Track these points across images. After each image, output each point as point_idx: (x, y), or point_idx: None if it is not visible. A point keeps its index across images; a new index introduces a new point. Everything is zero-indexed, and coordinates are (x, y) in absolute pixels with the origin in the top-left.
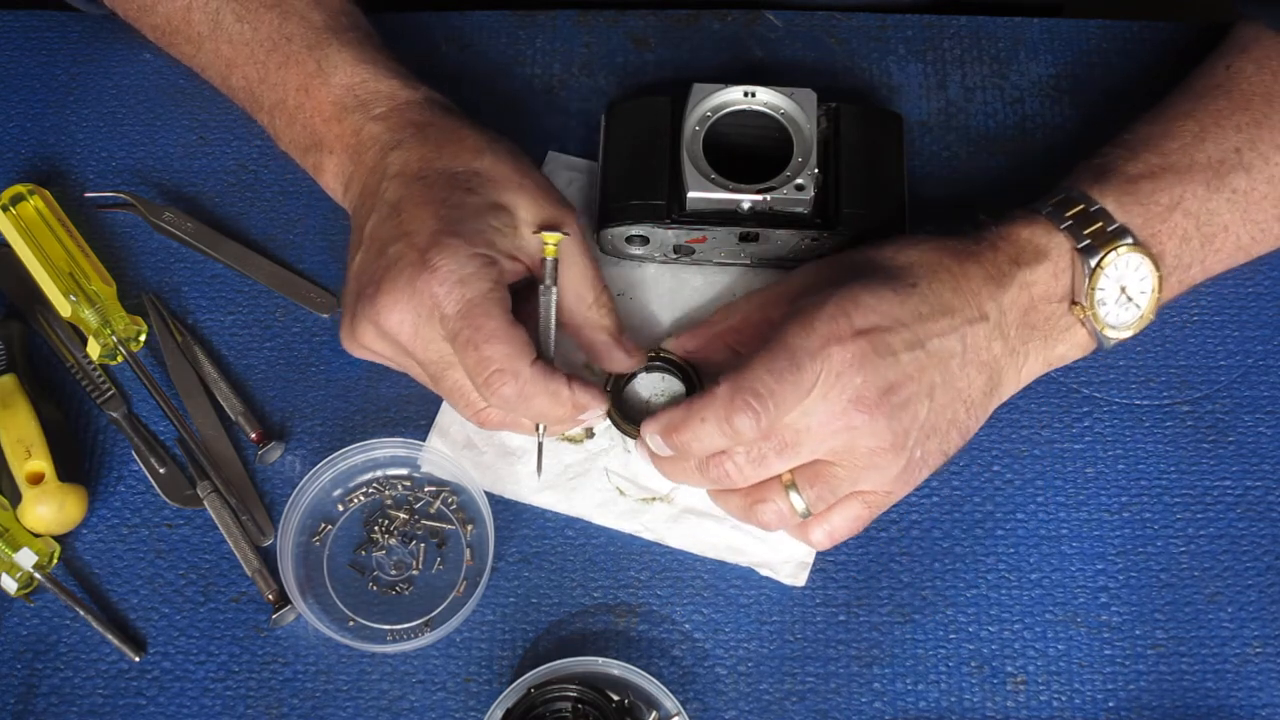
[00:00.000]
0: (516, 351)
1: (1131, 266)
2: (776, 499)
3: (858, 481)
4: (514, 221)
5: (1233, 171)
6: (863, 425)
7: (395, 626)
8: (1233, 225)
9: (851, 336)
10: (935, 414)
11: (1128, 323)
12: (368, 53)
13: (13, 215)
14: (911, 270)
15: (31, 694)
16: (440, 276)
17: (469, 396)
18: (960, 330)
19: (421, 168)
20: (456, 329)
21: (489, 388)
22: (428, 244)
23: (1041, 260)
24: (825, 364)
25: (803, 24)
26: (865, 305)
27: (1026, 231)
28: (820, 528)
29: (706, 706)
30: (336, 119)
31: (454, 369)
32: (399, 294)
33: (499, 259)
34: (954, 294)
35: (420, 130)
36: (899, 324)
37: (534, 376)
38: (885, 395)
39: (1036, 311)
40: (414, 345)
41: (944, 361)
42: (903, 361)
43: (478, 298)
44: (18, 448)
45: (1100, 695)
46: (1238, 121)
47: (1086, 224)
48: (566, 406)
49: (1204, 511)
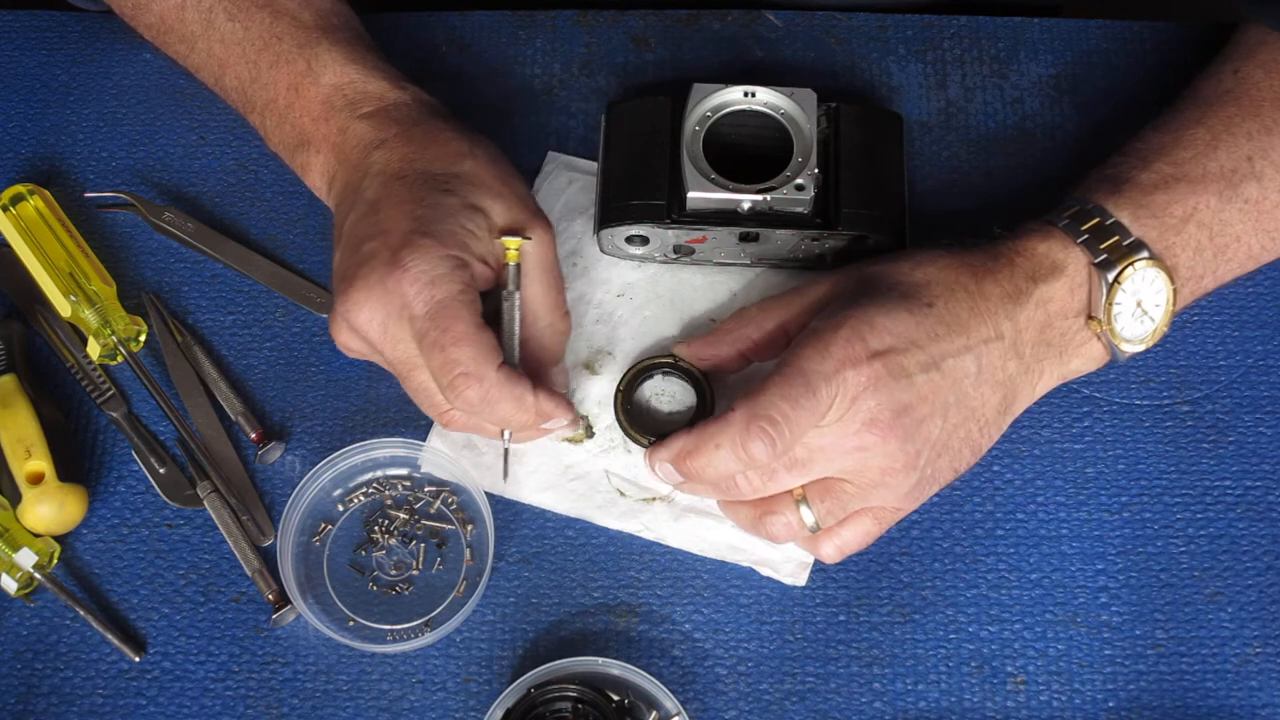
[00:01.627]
0: (482, 355)
1: (1148, 280)
2: (786, 512)
3: (868, 498)
4: (489, 225)
5: (1245, 181)
6: (875, 447)
7: (395, 626)
8: (1245, 235)
9: (867, 359)
10: (948, 433)
11: (1143, 336)
12: (358, 53)
13: (13, 215)
14: (928, 288)
15: (31, 694)
16: (411, 276)
17: (434, 398)
18: (976, 350)
19: (402, 167)
20: (424, 329)
21: (453, 390)
22: (400, 243)
23: (1058, 275)
24: (840, 388)
25: (803, 24)
26: (880, 327)
27: (1043, 245)
28: (830, 542)
29: (706, 706)
30: (324, 118)
31: (420, 370)
32: (370, 291)
33: (471, 262)
34: (970, 314)
35: (405, 131)
36: (914, 345)
37: (499, 381)
38: (899, 417)
39: (1052, 328)
40: (383, 343)
41: (958, 381)
42: (917, 383)
43: (447, 299)
44: (18, 448)
45: (1100, 695)
46: (1249, 129)
47: (1103, 238)
48: (530, 413)
49: (1204, 511)
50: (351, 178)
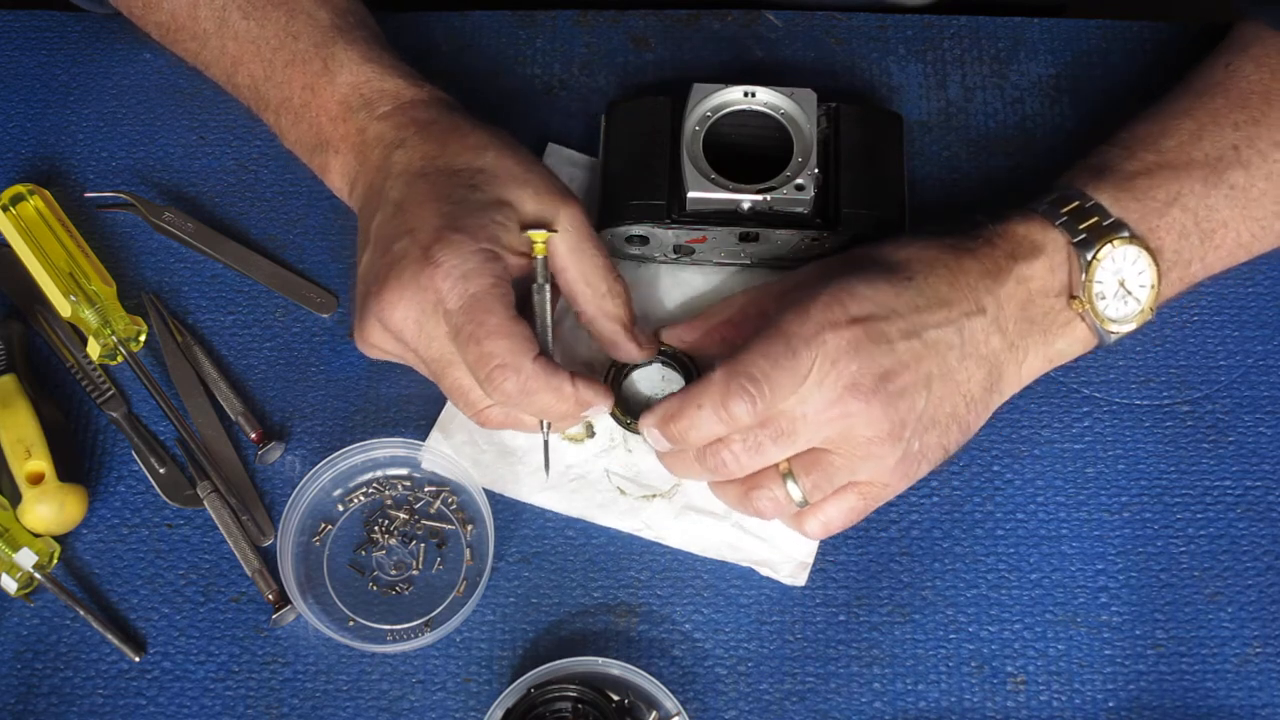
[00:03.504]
0: (519, 347)
1: (1129, 259)
2: (773, 487)
3: (855, 471)
4: (517, 217)
5: (1230, 168)
6: (859, 412)
7: (395, 626)
8: (1232, 221)
9: (847, 324)
10: (933, 406)
11: (1127, 316)
12: (374, 51)
13: (13, 215)
14: (908, 264)
15: (31, 694)
16: (444, 271)
17: (470, 395)
18: (958, 323)
19: (425, 165)
20: (459, 324)
21: (491, 383)
22: (431, 240)
23: (1037, 255)
24: (820, 350)
25: (803, 24)
26: (861, 295)
27: (1022, 228)
28: (815, 518)
29: (706, 706)
30: (342, 118)
31: (456, 367)
32: (403, 289)
33: (503, 254)
34: (950, 288)
35: (424, 129)
36: (894, 313)
37: (536, 372)
38: (881, 382)
39: (1034, 306)
40: (418, 342)
41: (941, 354)
42: (898, 350)
43: (480, 293)
44: (18, 448)
45: (1100, 695)
46: (1235, 119)
47: (1082, 219)
48: (570, 402)
49: (1204, 511)
50: (374, 179)
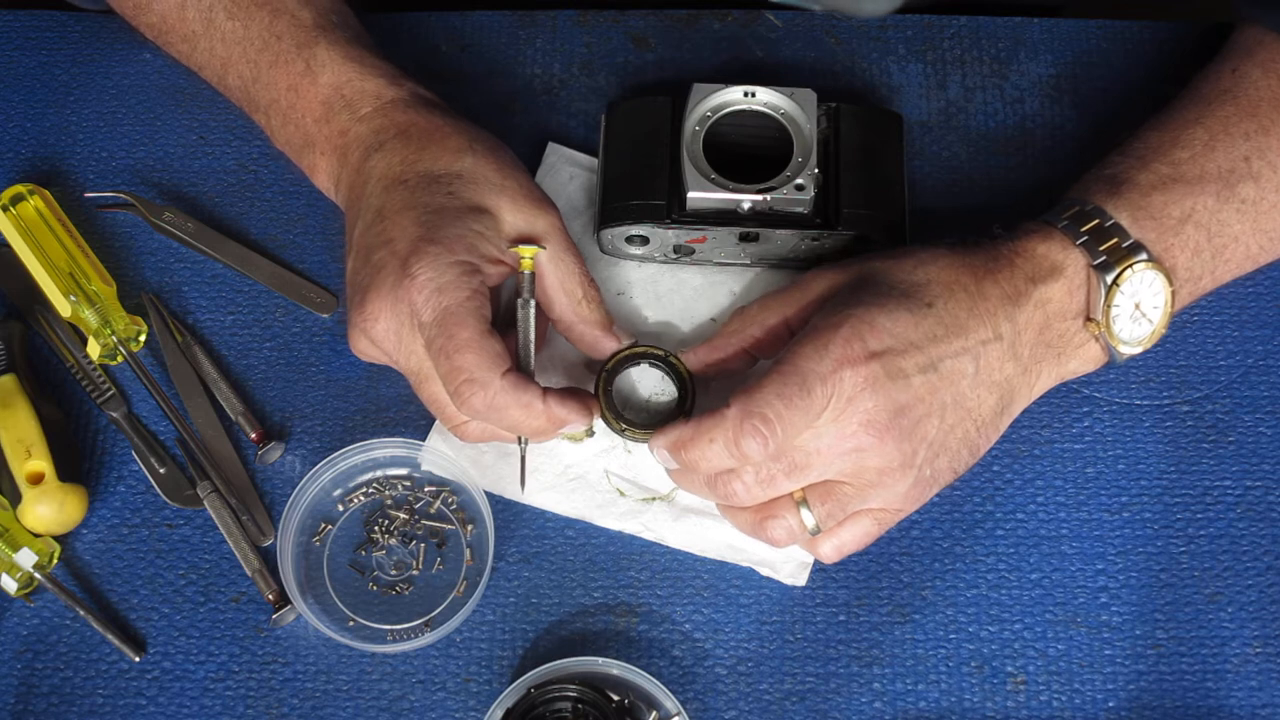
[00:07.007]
0: (487, 362)
1: (1146, 283)
2: (787, 515)
3: (867, 499)
4: (496, 224)
5: (1242, 181)
6: (872, 448)
7: (395, 626)
8: (1243, 235)
9: (865, 359)
10: (945, 433)
11: (1140, 338)
12: (355, 51)
13: (13, 215)
14: (928, 288)
15: (31, 694)
16: (419, 285)
17: (446, 410)
18: (974, 351)
19: (403, 171)
20: (431, 336)
21: (459, 397)
22: (408, 251)
23: (1057, 277)
24: (837, 388)
25: (803, 24)
26: (880, 328)
27: (1043, 246)
28: (829, 542)
29: (706, 706)
30: (325, 120)
31: (433, 380)
32: (383, 302)
33: (480, 265)
34: (969, 314)
35: (402, 131)
36: (912, 346)
37: (504, 388)
38: (895, 418)
39: (1051, 329)
40: (397, 354)
41: (955, 382)
42: (914, 384)
43: (454, 306)
44: (18, 448)
45: (1100, 695)
46: (1246, 129)
47: (1102, 240)
48: (540, 419)
49: (1204, 511)
50: (355, 181)
